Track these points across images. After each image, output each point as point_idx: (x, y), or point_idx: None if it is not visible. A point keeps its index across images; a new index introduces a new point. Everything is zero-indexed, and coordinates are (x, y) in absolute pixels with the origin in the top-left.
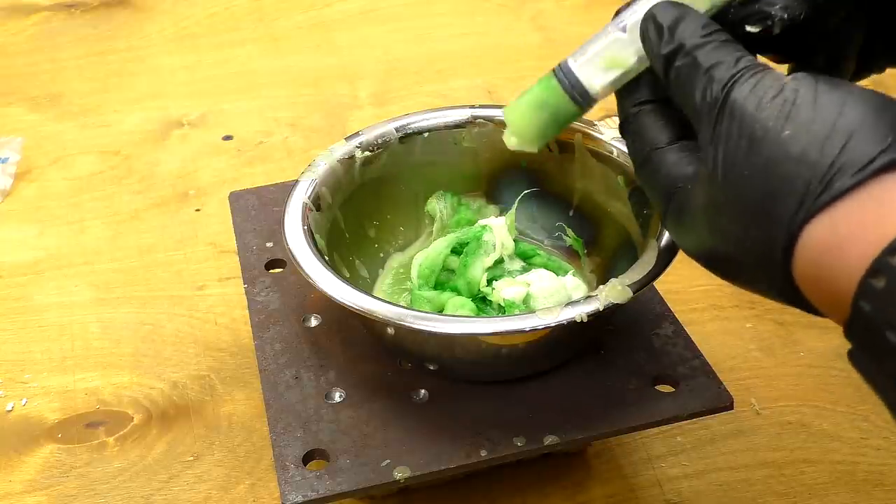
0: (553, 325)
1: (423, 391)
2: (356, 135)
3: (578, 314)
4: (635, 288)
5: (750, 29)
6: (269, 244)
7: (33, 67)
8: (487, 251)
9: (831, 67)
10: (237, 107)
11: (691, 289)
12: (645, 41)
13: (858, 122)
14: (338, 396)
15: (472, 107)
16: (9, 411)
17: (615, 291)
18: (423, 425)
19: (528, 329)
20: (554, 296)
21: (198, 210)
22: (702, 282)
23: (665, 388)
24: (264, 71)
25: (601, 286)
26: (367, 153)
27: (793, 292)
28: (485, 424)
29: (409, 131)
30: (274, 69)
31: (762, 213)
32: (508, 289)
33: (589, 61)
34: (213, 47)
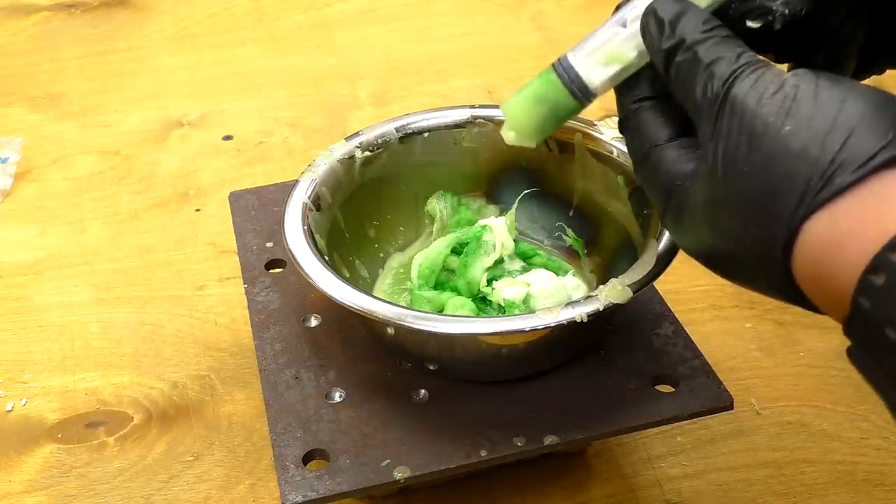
0: (553, 325)
1: (423, 391)
2: (356, 135)
3: (578, 314)
4: (635, 288)
5: (751, 24)
6: (269, 244)
7: (33, 67)
8: (487, 251)
9: (831, 67)
10: (237, 107)
11: (691, 289)
12: (645, 36)
13: (859, 119)
14: (338, 396)
15: (472, 107)
16: (9, 411)
17: (615, 291)
18: (423, 425)
19: (528, 329)
20: (554, 296)
21: (198, 210)
22: (702, 282)
23: (665, 388)
24: (264, 71)
25: (601, 286)
26: (367, 153)
27: (793, 290)
28: (485, 424)
29: (409, 131)
30: (274, 69)
31: (762, 209)
32: (508, 289)
33: (588, 55)
34: (213, 47)
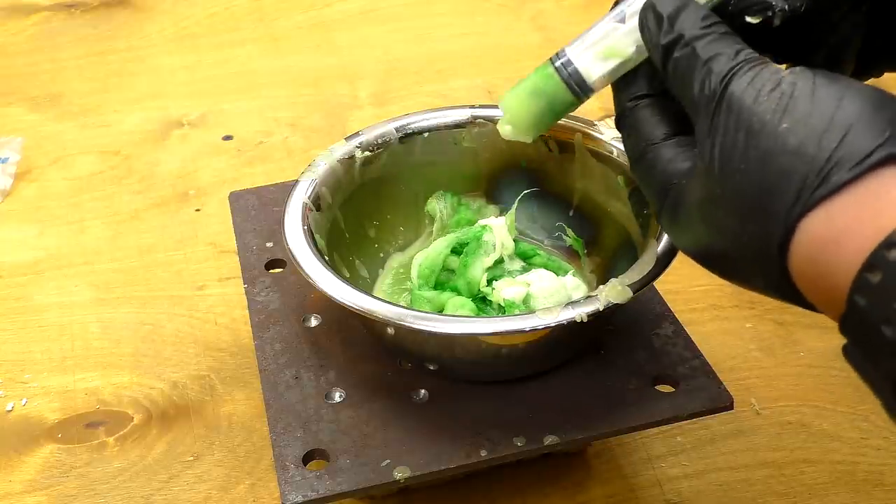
0: (553, 325)
1: (423, 391)
2: (356, 135)
3: (578, 314)
4: (635, 288)
5: (750, 20)
6: (269, 244)
7: (33, 67)
8: (487, 251)
9: (830, 68)
10: (237, 107)
11: (691, 289)
12: (644, 31)
13: (856, 117)
14: (338, 396)
15: (472, 107)
16: (9, 411)
17: (615, 291)
18: (423, 425)
19: (528, 329)
20: (554, 296)
21: (198, 210)
22: (702, 282)
23: (665, 388)
24: (264, 71)
25: (601, 286)
26: (367, 153)
27: (789, 288)
28: (485, 424)
29: (409, 131)
30: (274, 69)
31: (758, 207)
32: (508, 289)
33: (587, 50)
34: (213, 47)
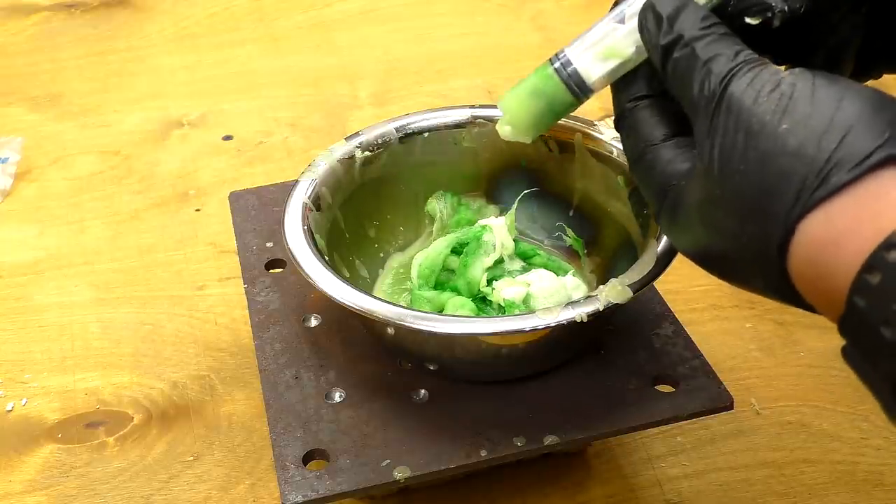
0: (553, 325)
1: (423, 391)
2: (356, 135)
3: (578, 314)
4: (635, 288)
5: (749, 21)
6: (269, 244)
7: (33, 67)
8: (487, 251)
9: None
10: (237, 107)
11: (691, 289)
12: (643, 31)
13: (856, 118)
14: (338, 396)
15: (472, 107)
16: (9, 411)
17: (615, 291)
18: (423, 425)
19: (528, 329)
20: (554, 296)
21: (198, 210)
22: (702, 282)
23: (665, 388)
24: (264, 71)
25: (601, 286)
26: (367, 153)
27: (788, 289)
28: (485, 424)
29: (409, 131)
30: (274, 69)
31: (758, 208)
32: (508, 289)
33: (586, 50)
34: (213, 47)
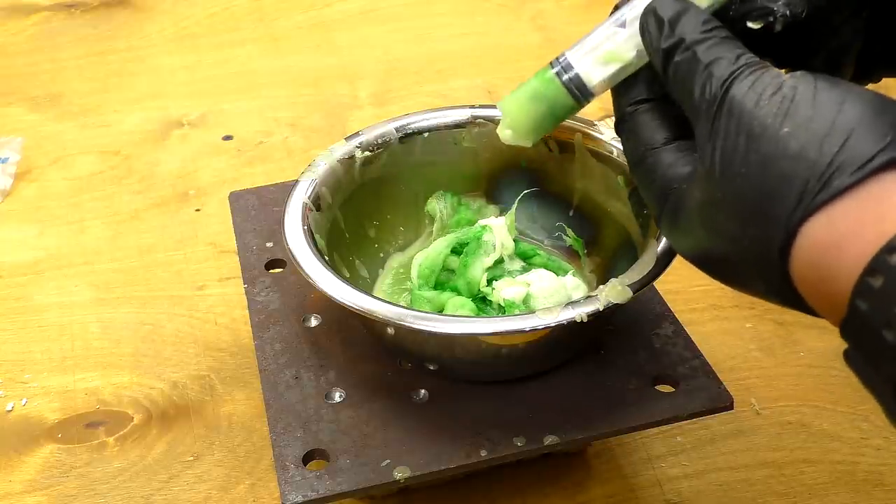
0: (553, 325)
1: (423, 391)
2: (356, 135)
3: (578, 314)
4: (635, 288)
5: (751, 25)
6: (269, 244)
7: (33, 67)
8: (487, 251)
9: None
10: (237, 107)
11: (691, 289)
12: (644, 35)
13: (857, 121)
14: (338, 396)
15: (472, 107)
16: (9, 411)
17: (615, 291)
18: (423, 425)
19: (528, 329)
20: (554, 296)
21: (198, 210)
22: (702, 282)
23: (665, 388)
24: (264, 71)
25: (601, 286)
26: (367, 153)
27: (790, 292)
28: (485, 424)
29: (409, 131)
30: (274, 69)
31: (759, 211)
32: (508, 289)
33: (587, 54)
34: (213, 47)
